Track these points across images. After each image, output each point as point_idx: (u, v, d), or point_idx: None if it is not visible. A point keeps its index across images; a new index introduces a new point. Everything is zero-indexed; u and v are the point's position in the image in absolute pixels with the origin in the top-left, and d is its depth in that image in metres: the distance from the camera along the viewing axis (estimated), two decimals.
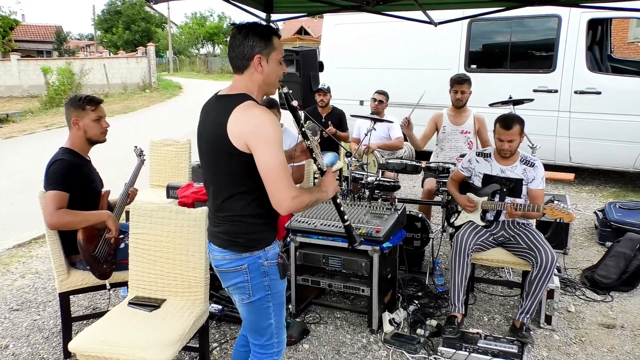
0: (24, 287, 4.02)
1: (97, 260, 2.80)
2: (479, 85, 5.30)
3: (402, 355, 2.99)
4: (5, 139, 11.83)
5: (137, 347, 2.19)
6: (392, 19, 5.93)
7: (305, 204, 1.86)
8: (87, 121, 2.89)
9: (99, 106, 2.95)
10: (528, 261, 3.18)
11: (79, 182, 2.81)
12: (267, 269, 1.97)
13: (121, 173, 4.33)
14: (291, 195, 1.80)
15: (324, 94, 5.72)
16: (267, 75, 1.88)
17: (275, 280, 2.00)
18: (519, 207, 3.15)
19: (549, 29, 6.70)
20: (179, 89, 24.35)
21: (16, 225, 5.51)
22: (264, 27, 1.88)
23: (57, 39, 38.49)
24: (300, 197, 1.83)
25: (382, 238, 3.11)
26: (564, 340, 3.16)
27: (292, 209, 1.83)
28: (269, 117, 1.79)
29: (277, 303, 2.04)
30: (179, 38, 46.56)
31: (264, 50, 1.84)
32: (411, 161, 4.15)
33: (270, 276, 1.98)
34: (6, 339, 3.24)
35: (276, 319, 2.06)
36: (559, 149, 6.70)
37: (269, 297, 2.00)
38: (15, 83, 23.01)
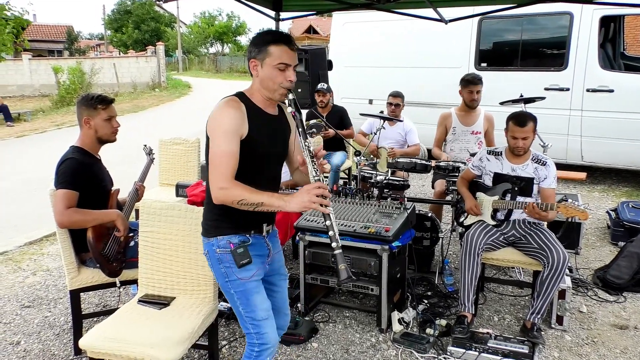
0: (35, 284, 4.05)
1: (107, 259, 2.82)
2: (490, 84, 5.26)
3: (412, 354, 2.98)
4: (17, 137, 11.95)
5: (147, 344, 2.20)
6: (402, 17, 5.91)
7: (240, 199, 1.85)
8: (98, 120, 2.90)
9: (110, 106, 2.96)
10: (539, 261, 3.15)
11: (88, 181, 2.83)
12: (220, 256, 2.04)
13: (131, 172, 4.35)
14: (218, 185, 1.88)
15: (323, 95, 5.65)
16: (262, 79, 1.98)
17: (231, 267, 2.03)
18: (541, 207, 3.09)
19: (560, 26, 6.64)
20: (188, 88, 24.44)
21: (27, 223, 5.56)
22: (261, 35, 2.01)
23: (68, 38, 38.78)
24: (230, 190, 1.87)
25: (391, 237, 3.09)
26: (575, 341, 3.13)
27: (220, 198, 1.90)
28: (224, 109, 1.93)
29: (240, 292, 2.06)
30: (188, 37, 46.72)
31: (257, 55, 1.97)
32: (421, 160, 4.13)
33: (224, 263, 2.04)
34: (18, 335, 3.27)
35: (244, 309, 2.08)
36: (571, 147, 6.64)
37: (228, 283, 2.07)
38: (27, 82, 23.22)
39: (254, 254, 2.07)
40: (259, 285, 2.10)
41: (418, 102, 7.55)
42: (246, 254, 2.02)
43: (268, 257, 2.18)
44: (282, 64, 1.94)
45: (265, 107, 2.06)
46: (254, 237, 2.09)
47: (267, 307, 2.11)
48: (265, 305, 2.10)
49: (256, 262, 2.09)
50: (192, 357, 2.96)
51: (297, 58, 2.01)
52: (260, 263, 2.13)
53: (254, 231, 2.09)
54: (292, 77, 1.98)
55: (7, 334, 3.28)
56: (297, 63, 2.01)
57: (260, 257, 2.13)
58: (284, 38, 1.97)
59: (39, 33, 36.72)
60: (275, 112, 2.11)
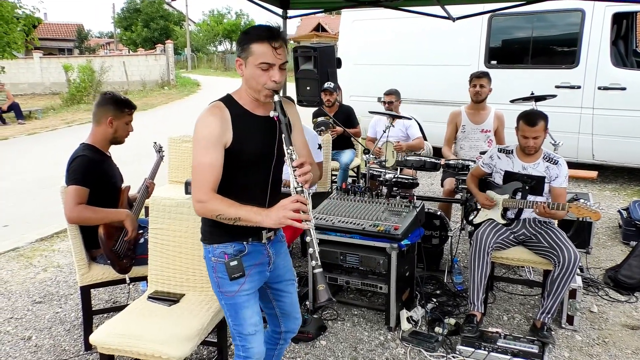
0: (46, 280, 4.09)
1: (117, 255, 2.83)
2: (499, 82, 5.23)
3: (420, 353, 2.97)
4: (29, 135, 12.05)
5: (157, 341, 2.21)
6: (411, 15, 5.89)
7: (217, 214, 1.82)
8: (121, 123, 2.95)
9: (133, 111, 3.02)
10: (550, 260, 3.13)
11: (99, 178, 2.84)
12: (215, 264, 1.99)
13: (140, 169, 4.37)
14: (197, 198, 1.85)
15: (330, 94, 5.63)
16: (247, 79, 1.88)
17: (224, 279, 1.97)
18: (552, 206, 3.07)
19: (572, 23, 6.58)
20: (196, 86, 24.52)
21: (38, 219, 5.61)
22: (244, 31, 1.88)
23: (78, 37, 39.03)
24: (208, 204, 1.83)
25: (400, 235, 3.09)
26: (586, 341, 3.10)
27: (199, 212, 1.88)
28: (205, 118, 1.87)
29: (230, 304, 2.00)
30: (196, 36, 46.87)
31: (241, 54, 1.86)
32: (430, 158, 4.11)
33: (217, 273, 1.99)
34: (29, 330, 3.30)
35: (232, 321, 2.02)
36: (582, 146, 6.57)
37: (220, 294, 2.02)
38: (37, 80, 23.41)
39: (251, 264, 1.99)
40: (249, 300, 2.01)
41: (427, 100, 7.52)
42: (239, 267, 1.94)
43: (269, 265, 2.08)
44: (264, 64, 1.81)
45: (254, 109, 1.95)
46: (252, 245, 2.00)
47: (255, 322, 2.02)
48: (254, 320, 2.02)
49: (252, 273, 2.00)
50: (201, 353, 2.98)
51: (284, 56, 1.85)
52: (257, 273, 2.03)
53: (252, 239, 2.00)
54: (276, 77, 1.83)
55: (19, 329, 3.32)
56: (283, 61, 1.84)
57: (259, 266, 2.04)
58: (267, 35, 1.81)
59: (49, 32, 36.98)
60: (265, 112, 1.95)
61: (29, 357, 3.00)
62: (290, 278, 2.23)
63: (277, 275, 2.16)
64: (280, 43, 1.82)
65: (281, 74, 1.85)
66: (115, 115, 2.92)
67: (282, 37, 1.84)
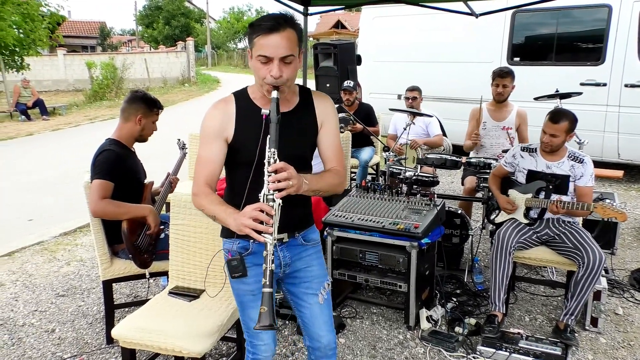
0: (69, 274, 4.16)
1: (139, 250, 2.86)
2: (522, 79, 5.14)
3: (440, 352, 2.94)
4: (52, 131, 12.28)
5: (177, 336, 2.22)
6: (432, 11, 5.82)
7: (203, 209, 1.80)
8: (148, 121, 3.01)
9: (160, 111, 3.10)
10: (574, 261, 3.07)
11: (124, 173, 2.88)
12: (225, 258, 1.94)
13: (163, 165, 4.41)
14: (192, 190, 1.85)
15: (349, 93, 5.61)
16: (253, 71, 1.76)
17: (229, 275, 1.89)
18: (566, 206, 3.02)
19: (598, 19, 6.43)
20: (216, 83, 24.69)
21: (62, 214, 5.71)
22: (250, 24, 1.77)
23: (101, 34, 39.63)
24: (197, 198, 1.82)
25: (420, 234, 3.06)
26: (610, 344, 3.04)
27: (193, 204, 1.86)
28: (209, 111, 1.85)
29: (238, 301, 1.97)
30: (217, 33, 47.18)
31: (249, 45, 1.75)
32: (451, 156, 4.06)
33: (225, 267, 1.90)
34: (53, 323, 3.36)
35: (241, 315, 1.99)
36: (607, 144, 6.44)
37: (231, 284, 1.98)
38: (61, 77, 23.85)
39: (256, 264, 1.85)
40: (255, 300, 1.87)
41: (448, 97, 7.44)
42: (239, 267, 1.80)
43: (280, 267, 1.94)
44: (261, 57, 1.68)
45: (263, 105, 1.80)
46: (258, 244, 1.80)
47: None
48: None
49: (257, 272, 1.82)
50: (221, 349, 2.99)
51: (289, 49, 1.67)
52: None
53: None
54: (274, 72, 1.67)
55: (43, 321, 3.38)
56: (285, 54, 1.67)
57: None
58: (267, 25, 1.66)
59: (73, 29, 37.61)
60: (283, 108, 1.78)
61: (53, 349, 3.05)
62: (312, 287, 1.99)
63: (294, 278, 2.00)
64: (284, 34, 1.67)
65: (284, 68, 1.69)
66: (144, 114, 2.97)
67: (286, 28, 1.67)
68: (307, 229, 2.00)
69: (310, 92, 1.94)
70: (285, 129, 1.78)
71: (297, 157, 1.82)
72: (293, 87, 1.87)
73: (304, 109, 1.89)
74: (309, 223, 2.02)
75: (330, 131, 1.92)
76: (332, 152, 1.91)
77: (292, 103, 1.87)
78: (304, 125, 1.89)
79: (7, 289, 3.88)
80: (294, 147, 1.83)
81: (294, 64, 1.73)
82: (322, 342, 2.02)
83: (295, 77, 1.78)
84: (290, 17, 1.73)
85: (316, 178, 1.80)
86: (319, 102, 1.91)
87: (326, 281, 2.03)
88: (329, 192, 1.89)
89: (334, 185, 1.88)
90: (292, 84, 1.80)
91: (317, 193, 1.83)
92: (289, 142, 1.79)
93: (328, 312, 2.04)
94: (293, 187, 1.64)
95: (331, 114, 1.92)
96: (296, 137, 1.85)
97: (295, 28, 1.72)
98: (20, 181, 7.31)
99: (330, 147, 1.92)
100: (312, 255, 2.01)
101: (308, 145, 1.91)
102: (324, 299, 2.01)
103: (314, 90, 1.96)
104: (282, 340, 3.09)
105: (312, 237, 2.02)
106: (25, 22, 15.52)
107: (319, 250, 2.05)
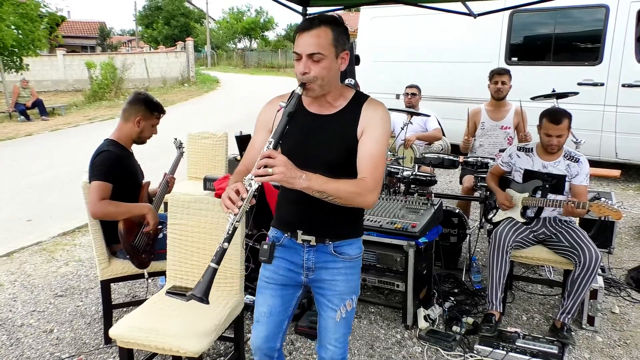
0: (67, 274, 4.17)
1: (136, 250, 2.87)
2: (520, 79, 5.15)
3: (437, 352, 2.95)
4: (52, 131, 12.27)
5: (175, 335, 2.23)
6: (430, 11, 5.83)
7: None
8: (147, 124, 3.01)
9: (162, 115, 3.09)
10: (570, 260, 3.08)
11: (122, 174, 2.88)
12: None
13: (160, 165, 4.42)
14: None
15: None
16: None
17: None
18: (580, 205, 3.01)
19: (595, 19, 6.45)
20: (216, 83, 24.68)
21: (61, 214, 5.72)
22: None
23: (101, 34, 39.59)
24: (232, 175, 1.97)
25: (418, 233, 3.07)
26: (607, 343, 3.05)
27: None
28: (263, 106, 1.98)
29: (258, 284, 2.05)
30: (216, 33, 47.14)
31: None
32: (448, 155, 4.07)
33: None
34: (51, 323, 3.37)
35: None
36: (605, 144, 6.45)
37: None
38: (60, 77, 23.80)
39: (281, 256, 1.94)
40: (266, 288, 1.98)
41: (446, 97, 7.45)
42: (265, 252, 1.87)
43: (303, 269, 1.95)
44: (294, 54, 1.76)
45: (309, 104, 1.85)
46: (289, 239, 1.94)
47: (260, 311, 1.98)
48: (261, 309, 1.98)
49: (280, 266, 1.95)
50: (218, 349, 3.00)
51: (319, 46, 1.70)
52: (285, 269, 1.96)
53: (290, 233, 1.93)
54: (300, 68, 1.72)
55: (41, 322, 3.39)
56: (313, 52, 1.70)
57: (290, 264, 1.96)
58: (300, 26, 1.76)
59: (72, 29, 37.57)
60: (324, 111, 1.84)
61: (51, 349, 3.06)
62: (332, 301, 1.94)
63: (319, 288, 1.97)
64: (315, 32, 1.70)
65: (311, 65, 1.71)
66: (144, 116, 2.97)
67: (320, 26, 1.71)
68: (342, 239, 1.92)
69: (364, 100, 1.86)
70: (318, 132, 1.81)
71: (326, 161, 1.77)
72: (340, 91, 1.85)
73: (348, 114, 1.83)
74: (347, 235, 1.93)
75: (369, 140, 1.78)
76: (365, 162, 1.77)
77: (335, 107, 1.85)
78: (341, 131, 1.82)
79: (5, 290, 3.89)
80: (324, 151, 1.80)
81: (324, 63, 1.72)
82: (327, 354, 2.00)
83: (330, 77, 1.76)
84: (328, 17, 1.76)
85: (327, 179, 1.66)
86: (367, 110, 1.82)
87: (349, 299, 1.95)
88: (346, 200, 1.71)
89: (352, 194, 1.70)
90: (326, 84, 1.76)
91: (327, 197, 1.67)
92: (320, 146, 1.81)
93: (343, 329, 1.98)
94: (276, 175, 1.56)
95: (377, 122, 1.80)
96: (329, 141, 1.81)
97: (332, 27, 1.73)
98: (19, 182, 7.32)
99: (364, 157, 1.77)
100: (341, 269, 1.93)
101: (342, 151, 1.81)
102: (342, 317, 1.95)
103: (371, 99, 1.87)
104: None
105: (347, 251, 1.93)
106: (24, 22, 15.52)
107: (352, 266, 1.96)
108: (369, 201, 1.76)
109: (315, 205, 1.77)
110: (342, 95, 1.86)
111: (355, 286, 1.99)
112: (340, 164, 1.81)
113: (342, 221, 1.91)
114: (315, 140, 1.83)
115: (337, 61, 1.77)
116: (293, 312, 2.06)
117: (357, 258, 1.98)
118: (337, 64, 1.77)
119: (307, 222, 1.89)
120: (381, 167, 1.80)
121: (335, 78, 1.80)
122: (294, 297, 2.02)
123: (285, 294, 1.99)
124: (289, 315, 2.03)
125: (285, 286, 1.99)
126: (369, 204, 1.78)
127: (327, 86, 1.77)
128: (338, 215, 1.86)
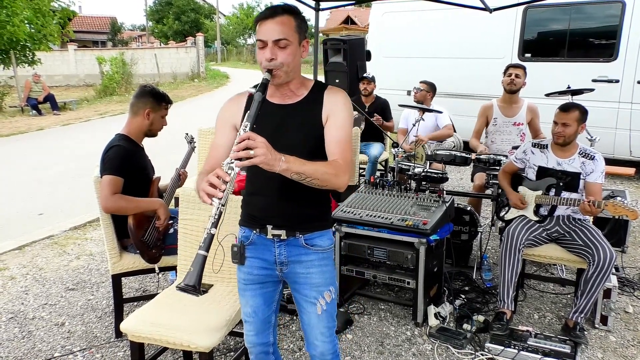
0: (79, 267, 4.19)
1: (147, 245, 2.88)
2: (534, 75, 5.08)
3: (448, 349, 2.93)
4: (63, 126, 12.36)
5: (186, 330, 2.23)
6: (443, 6, 5.78)
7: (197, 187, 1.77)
8: (157, 116, 3.01)
9: (169, 106, 3.09)
10: (584, 259, 3.04)
11: (133, 169, 2.89)
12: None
13: (170, 160, 4.43)
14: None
15: (368, 83, 5.70)
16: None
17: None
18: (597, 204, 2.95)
19: (611, 15, 6.35)
20: (226, 78, 24.73)
21: (72, 208, 5.76)
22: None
23: (112, 29, 39.79)
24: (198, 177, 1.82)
25: (429, 230, 3.05)
26: (620, 342, 3.01)
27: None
28: (222, 105, 1.97)
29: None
30: (226, 28, 47.22)
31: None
32: (460, 152, 4.03)
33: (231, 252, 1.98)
34: (62, 316, 3.39)
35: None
36: (619, 142, 6.37)
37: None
38: (72, 72, 23.98)
39: (253, 256, 1.93)
40: (246, 290, 1.98)
41: (459, 93, 7.39)
42: (236, 254, 1.90)
43: (276, 265, 1.93)
44: (258, 41, 1.73)
45: (271, 95, 1.82)
46: (259, 236, 1.90)
47: (247, 312, 2.00)
48: (246, 309, 2.00)
49: (253, 266, 1.94)
50: (228, 344, 3.01)
51: (284, 32, 1.70)
52: (258, 268, 1.94)
53: (259, 230, 1.90)
54: (267, 54, 1.70)
55: (53, 315, 3.41)
56: (279, 37, 1.69)
57: (262, 262, 1.94)
58: (263, 13, 1.73)
59: (84, 24, 37.79)
60: (287, 100, 1.84)
61: (62, 342, 3.08)
62: (310, 295, 1.93)
63: (294, 283, 1.96)
64: (279, 19, 1.70)
65: (278, 52, 1.70)
66: (152, 108, 2.97)
67: (283, 14, 1.71)
68: (313, 232, 1.90)
69: (324, 88, 1.88)
70: (284, 121, 1.82)
71: (297, 150, 1.72)
72: (301, 80, 1.86)
73: (311, 102, 1.84)
74: (318, 227, 1.92)
75: (335, 125, 1.81)
76: (334, 146, 1.80)
77: (298, 96, 1.85)
78: (305, 118, 1.83)
79: (17, 283, 3.92)
80: (289, 139, 1.79)
81: (289, 49, 1.72)
82: (317, 350, 1.99)
83: (294, 63, 1.76)
84: (289, 6, 1.76)
85: (304, 161, 1.65)
86: (329, 96, 1.84)
87: (327, 291, 1.94)
88: (322, 181, 1.70)
89: (328, 175, 1.70)
90: (291, 70, 1.76)
91: (305, 179, 1.65)
92: (286, 134, 1.80)
93: (327, 322, 1.97)
94: (257, 158, 1.52)
95: (340, 107, 1.82)
96: (294, 129, 1.82)
97: (294, 15, 1.74)
98: (30, 175, 7.38)
99: (332, 141, 1.80)
100: (314, 261, 1.92)
101: (310, 138, 1.82)
102: (323, 310, 1.94)
103: (330, 86, 1.89)
104: (290, 336, 3.10)
105: (318, 243, 1.92)
106: (36, 17, 15.62)
107: (325, 257, 1.95)
108: (344, 181, 1.78)
109: (284, 196, 1.82)
110: (303, 84, 1.87)
111: (331, 277, 1.97)
112: (310, 151, 1.79)
113: (313, 212, 1.92)
114: (283, 129, 1.81)
115: (300, 49, 1.78)
116: (278, 306, 2.09)
117: (329, 249, 1.97)
118: (300, 51, 1.78)
119: (277, 215, 1.87)
120: (349, 151, 1.83)
121: (298, 65, 1.81)
122: (275, 293, 2.04)
123: (266, 292, 2.00)
124: (274, 310, 2.06)
125: (263, 284, 1.98)
126: (343, 184, 1.78)
127: (292, 73, 1.77)
128: (307, 207, 1.89)
